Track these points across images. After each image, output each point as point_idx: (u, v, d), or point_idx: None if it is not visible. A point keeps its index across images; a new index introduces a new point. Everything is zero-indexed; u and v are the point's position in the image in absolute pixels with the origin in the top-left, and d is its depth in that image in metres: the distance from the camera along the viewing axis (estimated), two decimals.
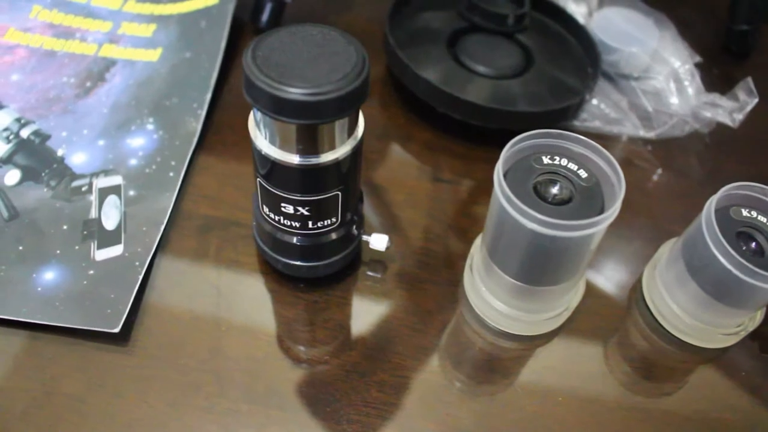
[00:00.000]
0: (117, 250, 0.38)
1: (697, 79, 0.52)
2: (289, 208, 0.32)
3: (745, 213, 0.34)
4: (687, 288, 0.36)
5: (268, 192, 0.32)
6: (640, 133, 0.50)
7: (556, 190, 0.32)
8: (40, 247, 0.37)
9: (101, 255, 0.37)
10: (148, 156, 0.43)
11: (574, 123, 0.49)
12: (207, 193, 0.42)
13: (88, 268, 0.37)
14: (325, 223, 0.34)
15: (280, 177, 0.31)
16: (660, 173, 0.48)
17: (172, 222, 0.40)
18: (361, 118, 0.32)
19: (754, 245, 0.34)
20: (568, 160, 0.32)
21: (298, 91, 0.27)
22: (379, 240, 0.38)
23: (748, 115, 0.49)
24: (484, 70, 0.48)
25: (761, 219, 0.34)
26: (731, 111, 0.50)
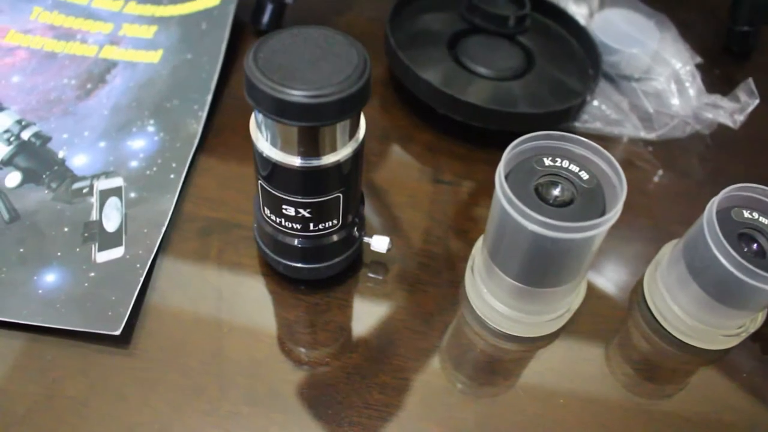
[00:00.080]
0: (118, 252, 0.38)
1: (698, 80, 0.52)
2: (290, 210, 0.32)
3: (746, 214, 0.34)
4: (688, 289, 0.36)
5: (270, 194, 0.32)
6: (641, 134, 0.50)
7: (558, 191, 0.32)
8: (40, 249, 0.37)
9: (102, 257, 0.37)
10: (149, 158, 0.43)
11: (575, 124, 0.49)
12: (208, 195, 0.42)
13: (89, 270, 0.37)
14: (327, 225, 0.34)
15: (282, 179, 0.31)
16: (661, 174, 0.48)
17: (173, 224, 0.40)
18: (363, 119, 0.32)
19: (755, 246, 0.34)
20: (570, 162, 0.32)
21: (299, 94, 0.27)
22: (380, 242, 0.38)
23: (749, 116, 0.49)
24: (484, 71, 0.48)
25: (763, 220, 0.34)
26: (732, 112, 0.50)
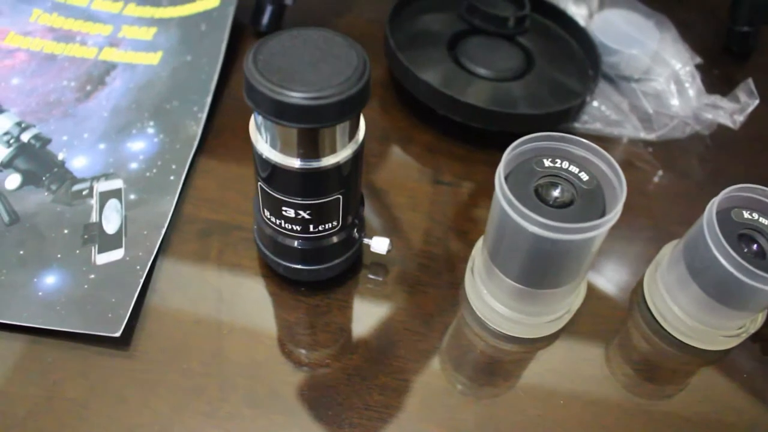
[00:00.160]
0: (118, 254, 0.38)
1: (698, 81, 0.52)
2: (290, 212, 0.32)
3: (746, 215, 0.34)
4: (688, 290, 0.36)
5: (269, 196, 0.32)
6: (640, 134, 0.50)
7: (558, 193, 0.32)
8: (40, 251, 0.37)
9: (102, 259, 0.37)
10: (148, 159, 0.43)
11: (575, 125, 0.49)
12: (208, 197, 0.42)
13: (89, 272, 0.37)
14: (326, 226, 0.34)
15: (281, 181, 0.31)
16: (661, 175, 0.48)
17: (173, 226, 0.40)
18: (362, 121, 0.32)
19: (755, 247, 0.34)
20: (570, 163, 0.32)
21: (299, 95, 0.27)
22: (380, 243, 0.38)
23: (749, 117, 0.49)
24: (484, 72, 0.48)
25: (763, 221, 0.34)
26: (732, 112, 0.50)
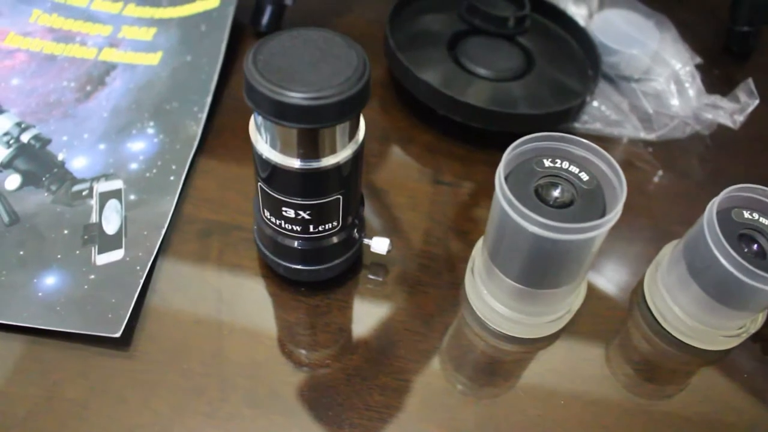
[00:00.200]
0: (118, 255, 0.38)
1: (698, 81, 0.52)
2: (290, 212, 0.32)
3: (746, 215, 0.34)
4: (689, 290, 0.36)
5: (269, 196, 0.32)
6: (640, 134, 0.50)
7: (558, 193, 0.32)
8: (40, 251, 0.37)
9: (102, 259, 0.37)
10: (148, 160, 0.43)
11: (575, 125, 0.49)
12: (208, 197, 0.42)
13: (89, 272, 0.37)
14: (327, 226, 0.34)
15: (281, 181, 0.31)
16: (661, 175, 0.48)
17: (173, 226, 0.40)
18: (362, 121, 0.32)
19: (755, 247, 0.34)
20: (570, 163, 0.32)
21: (299, 96, 0.27)
22: (380, 243, 0.38)
23: (749, 117, 0.49)
24: (484, 72, 0.48)
25: (763, 221, 0.34)
26: (732, 112, 0.50)
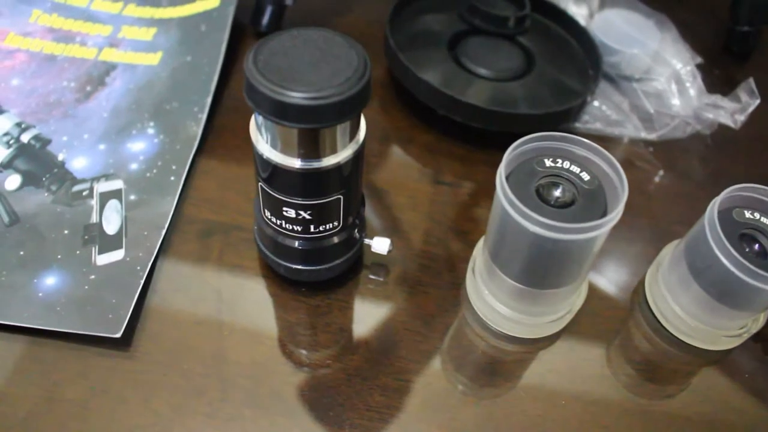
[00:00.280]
0: (118, 255, 0.38)
1: (699, 81, 0.52)
2: (290, 212, 0.32)
3: (748, 215, 0.34)
4: (690, 290, 0.35)
5: (270, 196, 0.32)
6: (641, 134, 0.50)
7: (559, 192, 0.32)
8: (41, 252, 0.37)
9: (102, 260, 0.37)
10: (148, 160, 0.43)
11: (576, 125, 0.49)
12: (208, 197, 0.42)
13: (89, 272, 0.37)
14: (327, 227, 0.34)
15: (282, 181, 0.31)
16: (662, 175, 0.48)
17: (174, 226, 0.40)
18: (363, 121, 0.32)
19: (757, 247, 0.34)
20: (571, 163, 0.32)
21: (299, 96, 0.27)
22: (380, 243, 0.38)
23: (749, 116, 0.49)
24: (485, 72, 0.48)
25: (764, 221, 0.34)
26: (733, 112, 0.50)
